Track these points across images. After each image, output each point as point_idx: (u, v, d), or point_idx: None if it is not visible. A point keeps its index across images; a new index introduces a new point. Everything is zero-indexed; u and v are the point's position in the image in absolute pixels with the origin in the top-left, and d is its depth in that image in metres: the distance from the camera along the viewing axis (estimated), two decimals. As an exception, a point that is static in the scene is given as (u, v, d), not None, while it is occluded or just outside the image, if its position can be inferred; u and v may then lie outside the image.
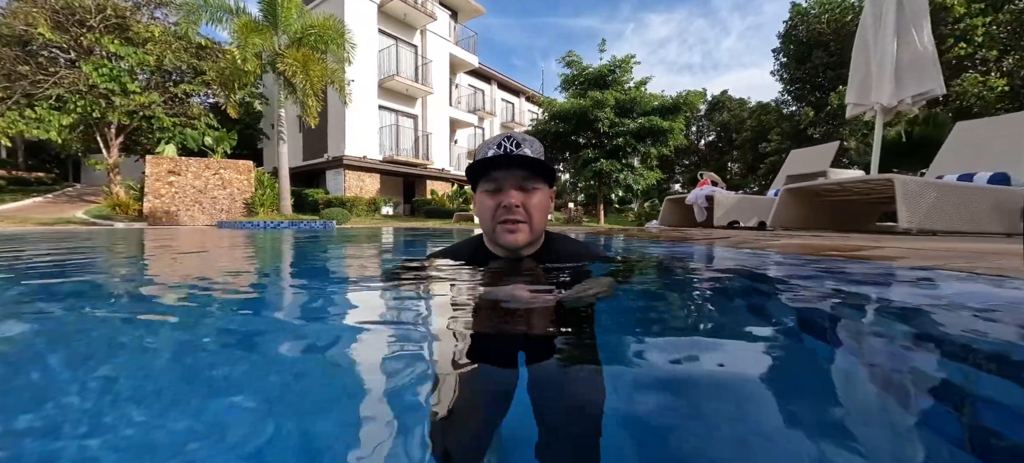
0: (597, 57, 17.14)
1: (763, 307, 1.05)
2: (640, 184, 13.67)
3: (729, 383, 0.52)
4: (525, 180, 0.98)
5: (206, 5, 9.59)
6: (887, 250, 1.49)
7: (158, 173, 10.65)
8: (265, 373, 0.53)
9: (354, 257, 1.79)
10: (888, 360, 0.62)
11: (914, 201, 2.23)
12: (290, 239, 2.94)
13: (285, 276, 1.32)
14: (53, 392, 0.42)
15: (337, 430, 0.36)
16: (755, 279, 1.31)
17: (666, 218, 5.48)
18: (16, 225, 8.91)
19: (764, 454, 0.37)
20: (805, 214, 3.29)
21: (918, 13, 3.56)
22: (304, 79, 10.08)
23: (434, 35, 17.80)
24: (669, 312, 1.03)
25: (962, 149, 3.26)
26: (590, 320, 0.77)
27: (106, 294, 0.98)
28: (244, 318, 0.86)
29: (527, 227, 0.98)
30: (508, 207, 0.97)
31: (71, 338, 0.61)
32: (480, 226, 1.10)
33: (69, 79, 12.31)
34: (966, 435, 0.39)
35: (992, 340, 0.67)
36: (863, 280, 1.20)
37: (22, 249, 1.96)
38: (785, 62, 15.95)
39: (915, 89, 3.53)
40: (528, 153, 0.97)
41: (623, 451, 0.41)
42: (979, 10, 11.86)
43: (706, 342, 0.72)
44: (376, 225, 11.35)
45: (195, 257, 1.60)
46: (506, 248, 1.02)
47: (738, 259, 1.67)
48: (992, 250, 1.45)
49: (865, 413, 0.45)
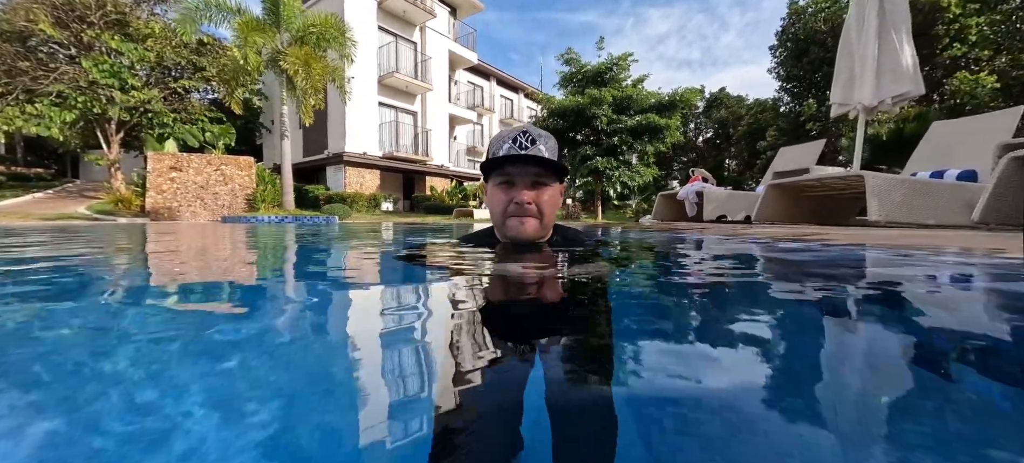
0: (595, 54, 17.24)
1: (747, 280, 1.22)
2: (636, 181, 13.83)
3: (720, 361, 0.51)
4: (538, 177, 1.01)
5: (206, 6, 9.66)
6: (841, 238, 1.66)
7: (160, 169, 10.76)
8: (307, 359, 0.50)
9: (367, 249, 1.86)
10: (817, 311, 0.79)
11: (883, 196, 2.40)
12: (302, 234, 3.04)
13: (316, 270, 1.34)
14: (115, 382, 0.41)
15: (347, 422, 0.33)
16: (740, 259, 1.48)
17: (660, 213, 5.65)
18: (20, 220, 9.03)
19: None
20: (788, 209, 3.46)
21: (898, 18, 3.72)
22: (305, 77, 10.19)
23: (433, 32, 17.85)
24: (658, 298, 1.03)
25: (936, 148, 3.43)
26: (607, 312, 0.73)
27: (147, 288, 0.98)
28: (284, 310, 0.81)
29: (536, 221, 1.02)
30: (520, 204, 1.00)
31: (117, 331, 0.60)
32: (490, 218, 1.13)
33: (69, 75, 12.37)
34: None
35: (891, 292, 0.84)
36: (812, 257, 1.38)
37: (45, 243, 2.03)
38: (782, 60, 16.09)
39: (895, 90, 3.69)
40: (542, 151, 1.00)
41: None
42: (974, 10, 12.02)
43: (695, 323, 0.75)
44: (376, 220, 11.48)
45: (215, 252, 1.67)
46: (515, 239, 1.05)
47: (723, 245, 1.84)
48: (936, 236, 1.62)
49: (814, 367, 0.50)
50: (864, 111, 3.90)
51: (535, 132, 1.03)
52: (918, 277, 1.08)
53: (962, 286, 1.00)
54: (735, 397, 0.40)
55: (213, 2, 9.63)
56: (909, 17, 3.76)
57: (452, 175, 18.90)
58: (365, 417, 0.35)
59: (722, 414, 0.36)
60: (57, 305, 0.81)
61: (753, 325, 0.68)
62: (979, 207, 1.84)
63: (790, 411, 0.37)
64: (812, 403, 0.39)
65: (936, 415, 0.37)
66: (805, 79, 15.62)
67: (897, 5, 3.74)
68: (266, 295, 0.96)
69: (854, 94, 3.97)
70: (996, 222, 1.81)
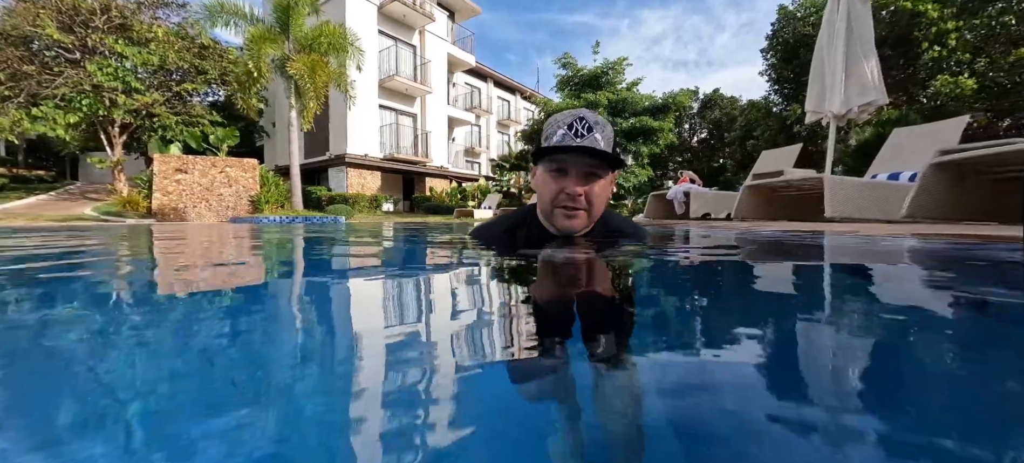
0: (591, 57, 17.62)
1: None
2: (631, 182, 14.23)
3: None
4: (592, 169, 0.96)
5: (222, 11, 9.96)
6: (790, 226, 2.01)
7: (166, 171, 11.00)
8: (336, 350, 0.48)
9: (385, 248, 1.92)
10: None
11: (837, 195, 2.76)
12: (316, 232, 3.19)
13: (342, 267, 1.27)
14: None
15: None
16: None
17: (651, 212, 6.02)
18: (30, 222, 9.25)
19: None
20: (764, 208, 3.82)
21: (864, 34, 4.08)
22: (310, 84, 10.51)
23: (432, 35, 18.17)
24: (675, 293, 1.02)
25: (895, 152, 3.80)
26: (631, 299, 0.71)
27: (190, 286, 0.94)
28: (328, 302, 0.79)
29: (585, 214, 0.98)
30: (571, 195, 0.95)
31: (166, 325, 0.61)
32: (538, 202, 1.07)
33: (74, 78, 12.58)
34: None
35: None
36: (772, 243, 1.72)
37: (75, 245, 1.99)
38: (773, 62, 16.53)
39: (861, 100, 4.06)
40: (599, 141, 0.94)
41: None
42: (952, 15, 12.48)
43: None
44: (379, 220, 11.77)
45: (240, 250, 1.70)
46: (561, 231, 1.02)
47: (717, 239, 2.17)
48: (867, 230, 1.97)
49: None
50: (834, 119, 4.27)
51: (592, 118, 0.96)
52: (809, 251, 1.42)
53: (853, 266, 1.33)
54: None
55: (227, 7, 9.94)
56: (873, 34, 4.13)
57: (451, 176, 19.22)
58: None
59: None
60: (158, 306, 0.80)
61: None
62: (906, 204, 2.20)
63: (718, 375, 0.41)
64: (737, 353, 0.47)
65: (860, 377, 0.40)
66: (795, 81, 16.05)
67: (863, 23, 4.11)
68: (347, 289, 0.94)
69: (825, 104, 4.33)
70: (921, 216, 2.17)
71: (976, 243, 1.36)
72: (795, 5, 15.33)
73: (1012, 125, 12.74)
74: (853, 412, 0.31)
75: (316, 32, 10.90)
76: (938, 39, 12.56)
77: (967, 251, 1.31)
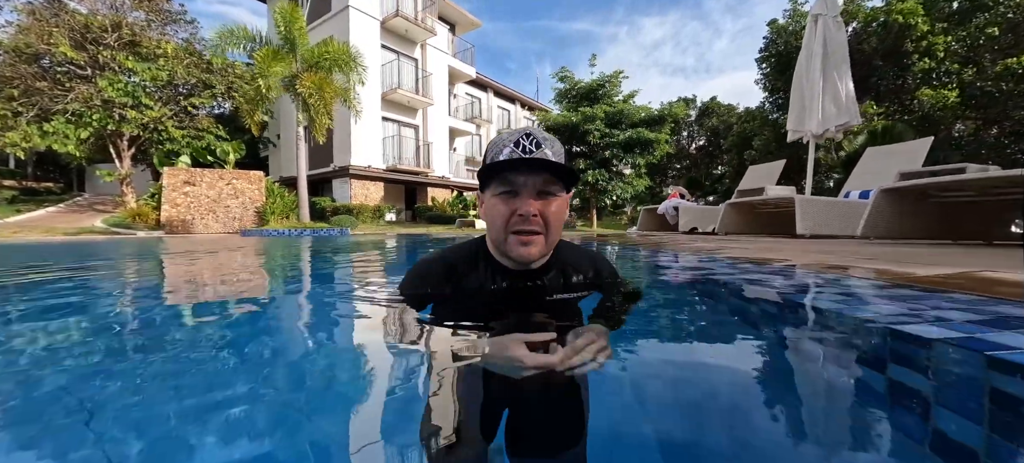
0: (588, 68, 18.02)
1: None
2: (628, 192, 14.53)
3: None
4: (545, 186, 0.87)
5: (232, 36, 10.40)
6: (761, 242, 2.26)
7: (174, 183, 11.30)
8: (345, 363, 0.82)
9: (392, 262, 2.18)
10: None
11: (807, 214, 3.01)
12: (327, 245, 3.41)
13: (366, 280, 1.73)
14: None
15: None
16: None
17: (644, 224, 6.28)
18: (44, 234, 9.52)
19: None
20: (745, 222, 4.09)
21: (839, 59, 4.37)
22: (318, 101, 10.90)
23: (434, 49, 18.60)
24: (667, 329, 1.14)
25: (867, 170, 4.06)
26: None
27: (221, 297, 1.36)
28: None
29: (542, 239, 0.89)
30: (525, 216, 0.86)
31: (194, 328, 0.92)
32: (488, 233, 0.98)
33: (85, 94, 12.94)
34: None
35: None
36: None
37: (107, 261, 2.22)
38: (767, 72, 16.90)
39: (837, 120, 4.34)
40: (549, 155, 0.86)
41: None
42: (942, 29, 12.85)
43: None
44: (383, 231, 12.03)
45: (263, 263, 1.95)
46: (517, 261, 0.93)
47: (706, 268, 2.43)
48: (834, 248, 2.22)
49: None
50: (813, 138, 4.54)
51: (539, 134, 0.89)
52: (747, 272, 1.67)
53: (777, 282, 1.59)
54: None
55: (240, 33, 10.39)
56: (848, 57, 4.42)
57: (452, 186, 19.55)
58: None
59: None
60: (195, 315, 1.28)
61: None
62: (861, 224, 2.46)
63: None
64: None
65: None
66: (788, 91, 16.36)
67: (838, 48, 4.40)
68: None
69: (805, 123, 4.61)
70: (874, 235, 2.43)
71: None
72: (786, 19, 15.74)
73: (1000, 133, 13.02)
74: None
75: (321, 49, 11.29)
76: (928, 51, 12.91)
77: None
